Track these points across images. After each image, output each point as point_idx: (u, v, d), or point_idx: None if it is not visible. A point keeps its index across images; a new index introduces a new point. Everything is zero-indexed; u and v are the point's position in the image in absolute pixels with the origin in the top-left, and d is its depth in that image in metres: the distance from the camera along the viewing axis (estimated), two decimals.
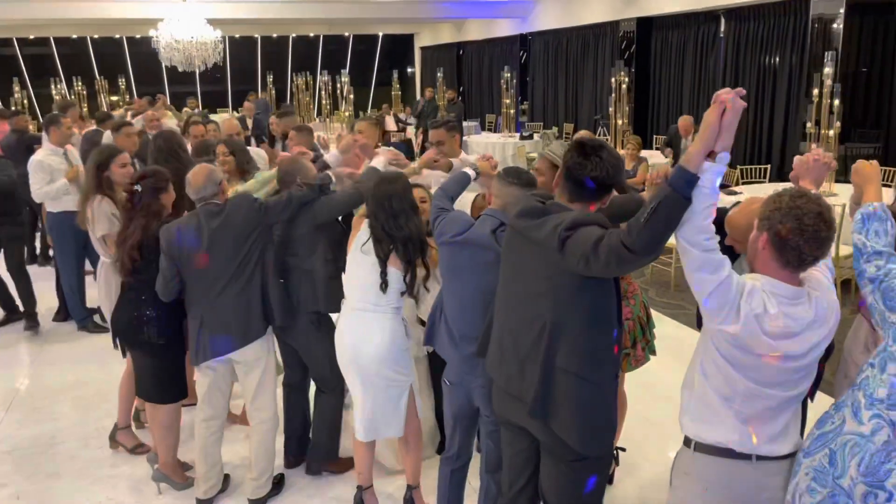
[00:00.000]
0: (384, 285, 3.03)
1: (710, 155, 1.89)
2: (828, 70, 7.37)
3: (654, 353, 3.46)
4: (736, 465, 2.08)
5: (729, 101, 1.86)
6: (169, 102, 13.93)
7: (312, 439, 3.76)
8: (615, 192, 2.45)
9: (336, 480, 3.73)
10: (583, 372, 2.23)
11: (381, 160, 3.59)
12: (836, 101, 7.33)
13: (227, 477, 3.64)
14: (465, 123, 14.19)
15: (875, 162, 2.32)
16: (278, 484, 3.63)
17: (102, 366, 5.07)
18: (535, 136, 14.06)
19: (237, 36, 21.09)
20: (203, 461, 3.46)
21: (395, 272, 3.06)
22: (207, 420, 3.45)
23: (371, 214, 3.07)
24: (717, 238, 1.99)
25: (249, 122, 11.11)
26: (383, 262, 3.02)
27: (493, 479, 2.92)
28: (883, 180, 8.78)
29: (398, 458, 3.61)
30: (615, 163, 2.24)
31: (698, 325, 2.53)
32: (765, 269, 2.04)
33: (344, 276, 3.28)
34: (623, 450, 3.64)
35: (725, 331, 2.00)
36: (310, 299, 3.45)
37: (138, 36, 19.19)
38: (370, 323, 3.09)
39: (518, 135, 13.53)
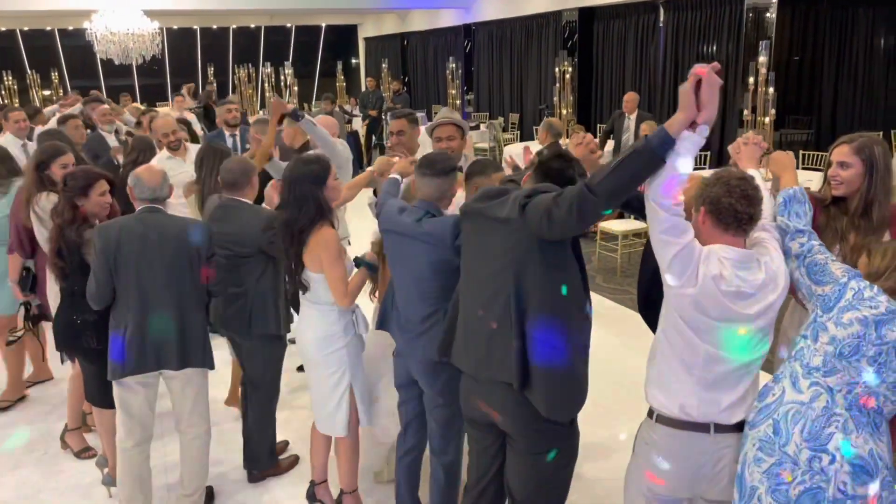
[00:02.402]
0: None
1: (693, 126, 1.96)
2: (762, 59, 7.60)
3: None
4: (695, 436, 2.18)
5: (706, 72, 1.90)
6: (105, 96, 13.51)
7: (248, 447, 3.68)
8: None
9: (274, 484, 3.67)
10: (551, 340, 2.24)
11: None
12: (771, 90, 7.57)
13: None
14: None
15: (790, 152, 2.50)
16: (210, 498, 3.52)
17: None
18: (482, 127, 14.13)
19: (175, 27, 20.56)
20: (133, 485, 3.22)
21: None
22: (140, 444, 3.22)
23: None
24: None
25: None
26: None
27: (439, 462, 2.94)
28: (814, 165, 9.13)
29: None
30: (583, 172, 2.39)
31: (640, 308, 2.61)
32: (711, 240, 2.16)
33: None
34: None
35: (685, 293, 2.09)
36: (262, 321, 3.44)
37: (71, 28, 18.55)
38: (309, 316, 3.11)
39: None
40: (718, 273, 2.07)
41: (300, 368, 4.65)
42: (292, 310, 3.52)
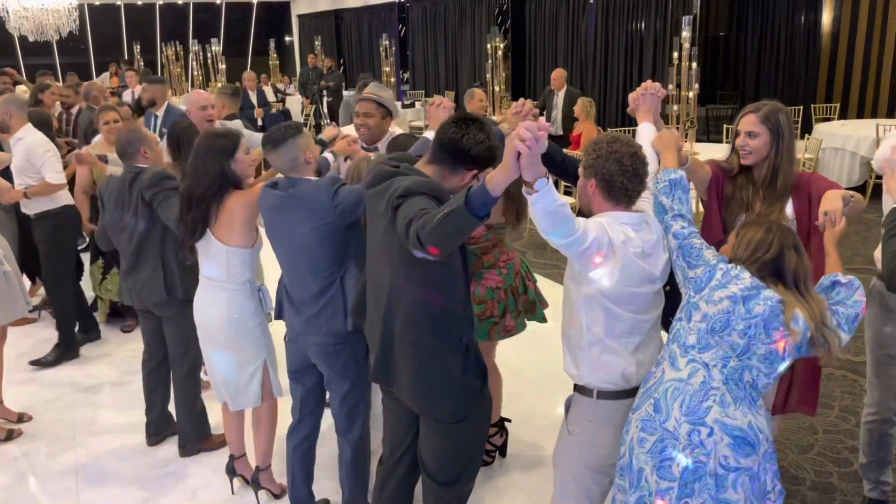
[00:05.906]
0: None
1: (530, 185, 1.87)
2: (686, 34, 7.71)
3: (543, 320, 3.40)
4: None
5: (528, 141, 1.75)
6: (24, 76, 12.89)
7: (178, 422, 3.65)
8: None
9: (193, 470, 3.60)
10: (418, 340, 2.25)
11: None
12: (695, 65, 7.70)
13: None
14: (345, 93, 13.96)
15: (675, 132, 2.53)
16: None
17: None
18: (417, 105, 14.03)
19: (97, 3, 19.72)
20: None
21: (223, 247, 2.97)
22: None
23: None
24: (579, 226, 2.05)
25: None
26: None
27: (346, 441, 2.91)
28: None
29: None
30: (488, 139, 2.20)
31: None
32: (600, 209, 2.22)
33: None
34: (509, 420, 3.66)
35: (610, 266, 2.12)
36: (175, 288, 3.41)
37: None
38: (211, 295, 3.04)
39: (400, 103, 13.46)
40: (626, 237, 2.13)
41: None
42: None
